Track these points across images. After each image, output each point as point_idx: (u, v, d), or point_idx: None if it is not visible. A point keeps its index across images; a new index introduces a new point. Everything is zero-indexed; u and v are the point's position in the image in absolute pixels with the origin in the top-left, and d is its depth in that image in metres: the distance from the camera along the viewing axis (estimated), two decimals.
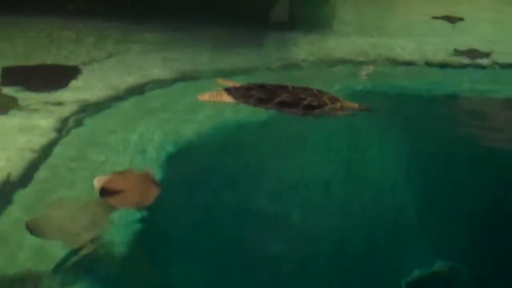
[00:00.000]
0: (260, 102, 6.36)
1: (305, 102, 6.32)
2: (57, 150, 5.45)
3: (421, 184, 5.29)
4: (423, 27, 10.10)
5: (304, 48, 8.70)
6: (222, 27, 9.39)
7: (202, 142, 5.91)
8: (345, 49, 8.73)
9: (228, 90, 6.55)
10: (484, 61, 8.35)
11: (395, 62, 8.35)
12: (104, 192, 4.67)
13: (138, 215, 4.56)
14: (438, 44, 9.01)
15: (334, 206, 4.95)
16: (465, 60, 8.36)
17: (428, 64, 8.30)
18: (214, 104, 6.50)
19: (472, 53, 8.56)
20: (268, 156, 5.77)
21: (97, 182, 4.73)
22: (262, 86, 6.63)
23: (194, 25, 9.44)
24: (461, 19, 10.53)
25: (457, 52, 8.58)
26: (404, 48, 8.87)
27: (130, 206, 4.62)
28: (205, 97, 6.47)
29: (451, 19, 10.48)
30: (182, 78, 7.37)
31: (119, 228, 4.44)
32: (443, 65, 8.27)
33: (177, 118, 6.23)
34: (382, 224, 4.73)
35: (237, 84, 6.73)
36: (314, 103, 6.34)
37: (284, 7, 10.79)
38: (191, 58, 7.99)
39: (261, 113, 6.33)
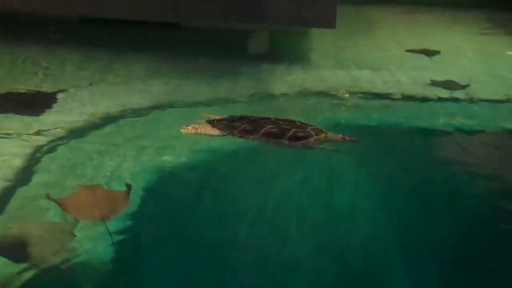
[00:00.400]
0: (245, 133, 6.47)
1: (290, 133, 6.40)
2: (32, 177, 5.46)
3: (400, 216, 5.36)
4: (401, 60, 10.23)
5: (284, 80, 8.81)
6: (206, 59, 9.51)
7: (180, 171, 5.92)
8: (325, 81, 8.84)
9: (211, 122, 6.68)
10: (461, 94, 8.44)
11: (374, 95, 8.38)
12: (67, 205, 4.74)
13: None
14: (416, 77, 9.15)
15: (311, 237, 5.05)
16: (443, 94, 8.45)
17: (407, 97, 8.36)
18: (193, 134, 6.47)
19: (449, 85, 8.66)
20: (248, 186, 5.80)
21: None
22: (245, 118, 6.79)
23: (179, 57, 9.58)
24: (438, 52, 10.65)
25: (434, 85, 8.72)
26: (383, 81, 8.96)
27: (94, 219, 4.67)
28: (188, 129, 6.53)
29: (428, 52, 10.62)
30: (162, 107, 7.43)
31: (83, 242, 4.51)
32: (422, 99, 8.32)
33: (155, 146, 6.27)
34: (360, 256, 4.78)
35: (219, 117, 6.80)
36: (300, 134, 6.42)
37: (264, 40, 10.94)
38: (172, 88, 8.12)
39: (242, 143, 6.37)
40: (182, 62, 9.27)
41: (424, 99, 8.29)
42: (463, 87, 8.68)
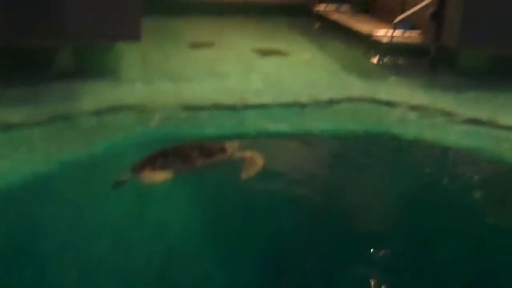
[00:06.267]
0: (188, 163, 6.36)
1: (217, 149, 6.63)
2: None
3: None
4: (210, 69, 11.00)
5: (92, 97, 8.84)
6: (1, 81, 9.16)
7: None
8: (135, 95, 9.09)
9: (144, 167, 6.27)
10: (267, 100, 9.11)
11: (184, 107, 8.64)
12: None
13: None
14: (226, 87, 9.79)
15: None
16: (249, 100, 9.04)
17: (215, 106, 8.73)
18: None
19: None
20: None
21: None
22: (166, 151, 6.57)
23: None
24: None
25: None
26: (192, 91, 9.42)
27: None
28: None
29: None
30: None
31: None
32: (232, 108, 8.71)
33: None
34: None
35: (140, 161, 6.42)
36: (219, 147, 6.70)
37: (67, 56, 10.40)
38: None
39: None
40: None
41: (230, 107, 8.72)
42: (270, 93, 9.46)
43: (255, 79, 10.39)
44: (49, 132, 7.48)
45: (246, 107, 8.81)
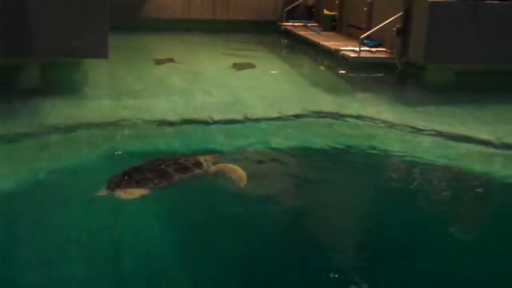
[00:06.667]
0: (164, 178, 6.31)
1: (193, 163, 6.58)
2: None
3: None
4: (177, 86, 11.01)
5: (60, 113, 8.81)
6: None
7: None
8: (103, 112, 9.04)
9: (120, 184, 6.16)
10: (235, 115, 9.16)
11: (152, 123, 8.66)
12: None
13: None
14: (191, 103, 9.84)
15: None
16: (217, 116, 9.06)
17: (186, 122, 8.77)
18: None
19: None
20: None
21: None
22: (138, 168, 6.49)
23: None
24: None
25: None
26: (160, 108, 9.41)
27: None
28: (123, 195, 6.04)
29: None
30: None
31: None
32: (199, 122, 8.81)
33: None
34: None
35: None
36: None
37: (34, 73, 10.30)
38: None
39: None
40: None
41: (199, 122, 8.79)
42: (237, 108, 9.50)
43: (224, 95, 10.41)
44: (18, 149, 7.46)
45: (215, 122, 8.88)
